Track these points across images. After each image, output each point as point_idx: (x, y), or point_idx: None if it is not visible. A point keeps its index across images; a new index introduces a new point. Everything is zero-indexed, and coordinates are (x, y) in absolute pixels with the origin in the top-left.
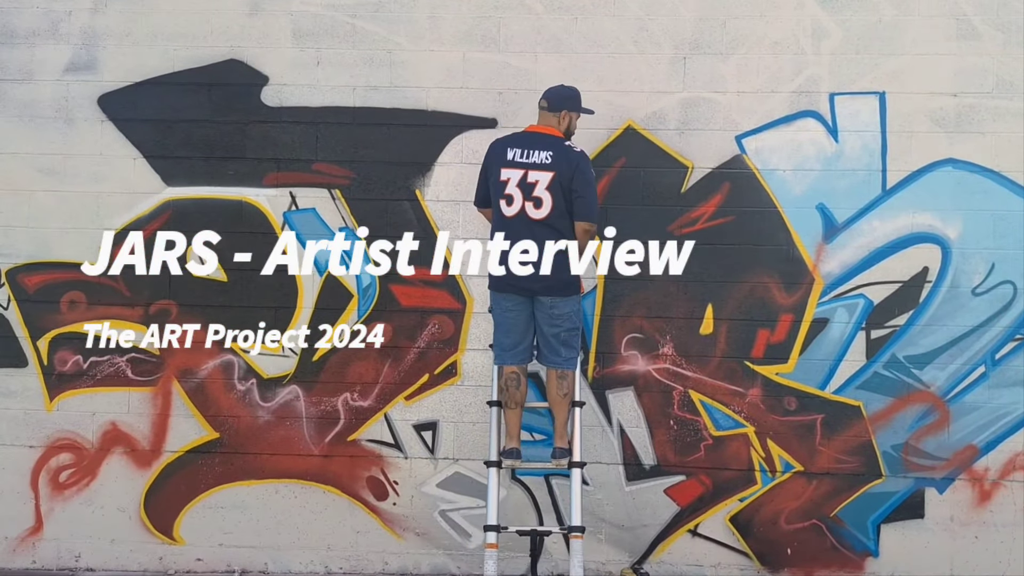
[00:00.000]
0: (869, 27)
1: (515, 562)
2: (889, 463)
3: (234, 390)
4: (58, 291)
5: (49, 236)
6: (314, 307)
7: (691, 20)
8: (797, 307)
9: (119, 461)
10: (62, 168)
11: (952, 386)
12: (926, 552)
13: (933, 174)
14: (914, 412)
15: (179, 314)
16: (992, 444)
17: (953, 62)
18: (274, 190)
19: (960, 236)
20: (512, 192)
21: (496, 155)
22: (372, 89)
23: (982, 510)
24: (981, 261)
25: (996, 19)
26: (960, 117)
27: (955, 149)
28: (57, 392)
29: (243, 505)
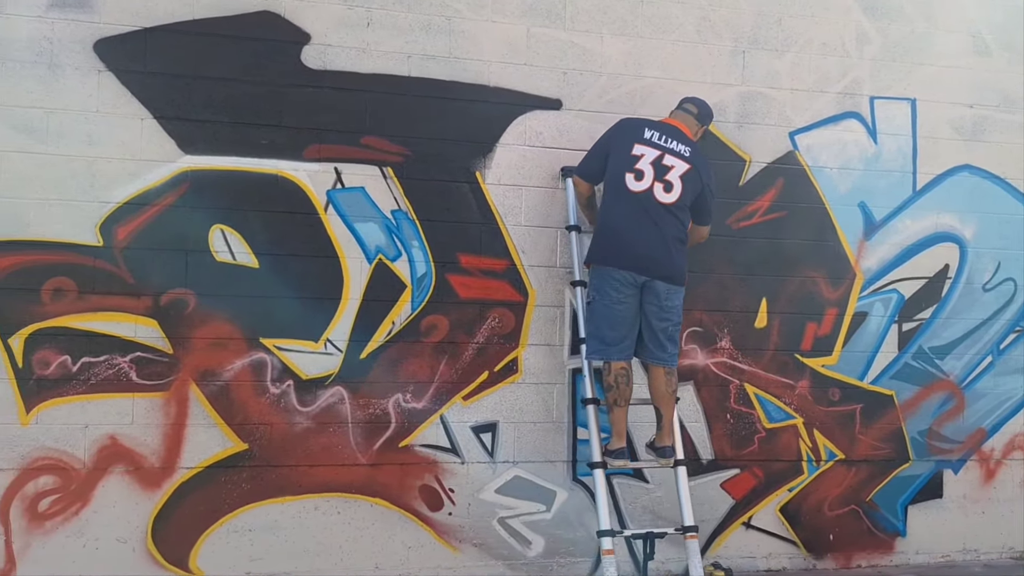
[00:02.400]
0: (904, 37)
1: (577, 567)
2: (916, 448)
3: (266, 394)
4: (37, 277)
5: (25, 209)
6: (362, 298)
7: (750, 14)
8: (841, 301)
9: (119, 482)
10: (43, 125)
11: (967, 374)
12: (944, 529)
13: (953, 178)
14: (937, 399)
15: (198, 305)
16: (996, 426)
17: (970, 75)
18: (316, 164)
19: (974, 236)
20: (644, 168)
21: (630, 130)
22: (429, 58)
23: (988, 487)
24: (990, 260)
25: (1003, 38)
26: (975, 127)
27: (971, 156)
28: (36, 401)
29: (275, 526)
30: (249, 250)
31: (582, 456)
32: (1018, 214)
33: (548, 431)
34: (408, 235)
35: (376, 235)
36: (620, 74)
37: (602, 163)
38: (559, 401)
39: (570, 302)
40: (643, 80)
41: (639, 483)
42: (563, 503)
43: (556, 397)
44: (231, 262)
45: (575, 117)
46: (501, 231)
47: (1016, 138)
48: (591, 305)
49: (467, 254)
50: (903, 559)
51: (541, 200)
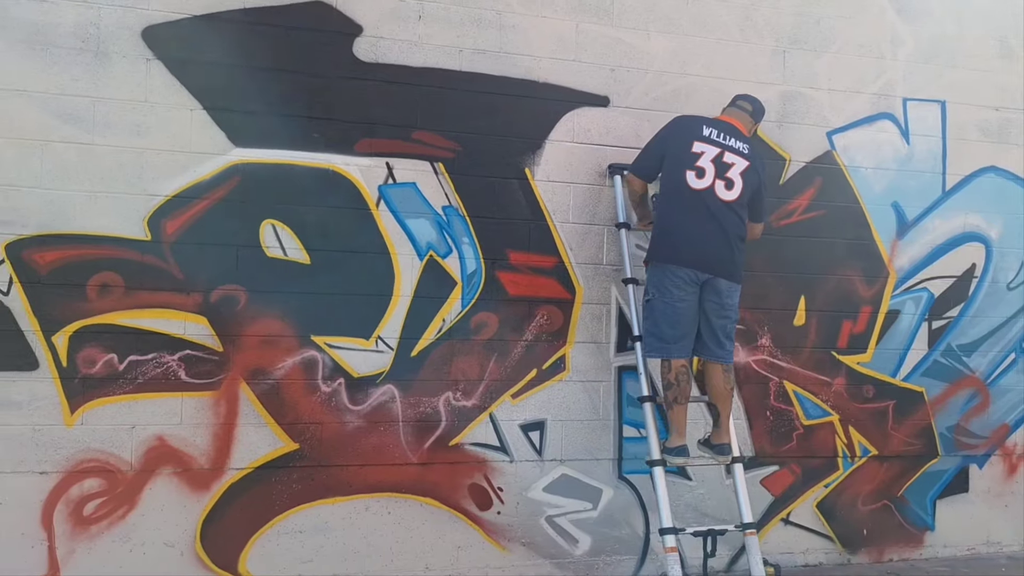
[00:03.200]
0: (935, 39)
1: (623, 565)
2: (944, 443)
3: (317, 392)
4: (82, 272)
5: (69, 201)
6: (413, 295)
7: (790, 14)
8: (875, 300)
9: (167, 484)
10: (89, 115)
11: (991, 371)
12: (970, 523)
13: (980, 179)
14: (964, 396)
15: (248, 302)
16: (1019, 422)
17: (996, 78)
18: (368, 159)
19: (999, 236)
20: (705, 166)
21: (688, 127)
22: (479, 53)
23: (1011, 482)
24: (1014, 259)
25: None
26: (1001, 129)
27: (997, 158)
28: (81, 401)
29: (326, 527)
30: (300, 245)
31: (628, 454)
32: None
33: (594, 429)
34: (459, 231)
35: (427, 231)
36: (665, 71)
37: (659, 161)
38: (605, 399)
39: (616, 299)
40: (687, 78)
41: (682, 480)
42: (609, 501)
43: (602, 395)
44: (282, 258)
45: (622, 114)
46: (550, 228)
47: None
48: (650, 303)
49: (516, 251)
50: (932, 552)
51: (588, 197)
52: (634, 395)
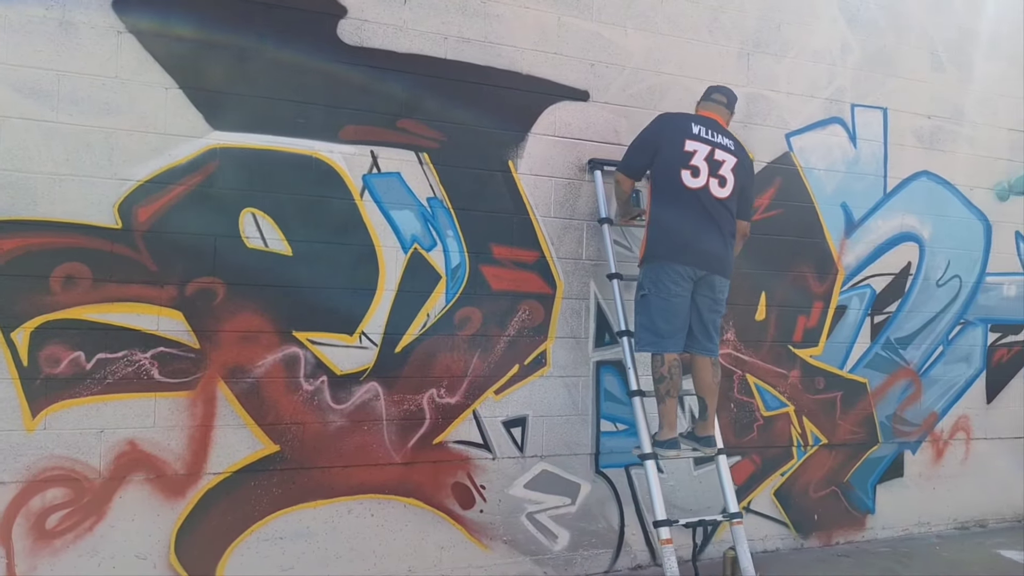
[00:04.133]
0: (879, 50)
1: (599, 559)
2: (883, 431)
3: (299, 391)
4: (45, 262)
5: (31, 184)
6: (397, 289)
7: (754, 18)
8: (825, 295)
9: (139, 492)
10: (53, 90)
11: (923, 363)
12: (905, 505)
13: (915, 183)
14: (900, 386)
15: (227, 295)
16: (945, 410)
17: (929, 89)
18: (352, 147)
19: (931, 237)
20: (699, 164)
21: (678, 126)
22: (464, 41)
23: (938, 466)
24: (942, 258)
25: (955, 57)
26: (933, 136)
27: (929, 163)
28: (44, 404)
29: (308, 533)
30: (282, 236)
31: (604, 448)
32: (963, 217)
33: (573, 424)
34: (443, 224)
35: (412, 223)
36: (642, 69)
37: (649, 159)
38: (584, 394)
39: (595, 294)
40: (661, 76)
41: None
42: (587, 496)
43: (581, 390)
44: (263, 249)
45: (601, 109)
46: (532, 222)
47: (963, 148)
48: (645, 298)
49: (500, 245)
50: (872, 535)
51: (569, 192)
52: (612, 390)
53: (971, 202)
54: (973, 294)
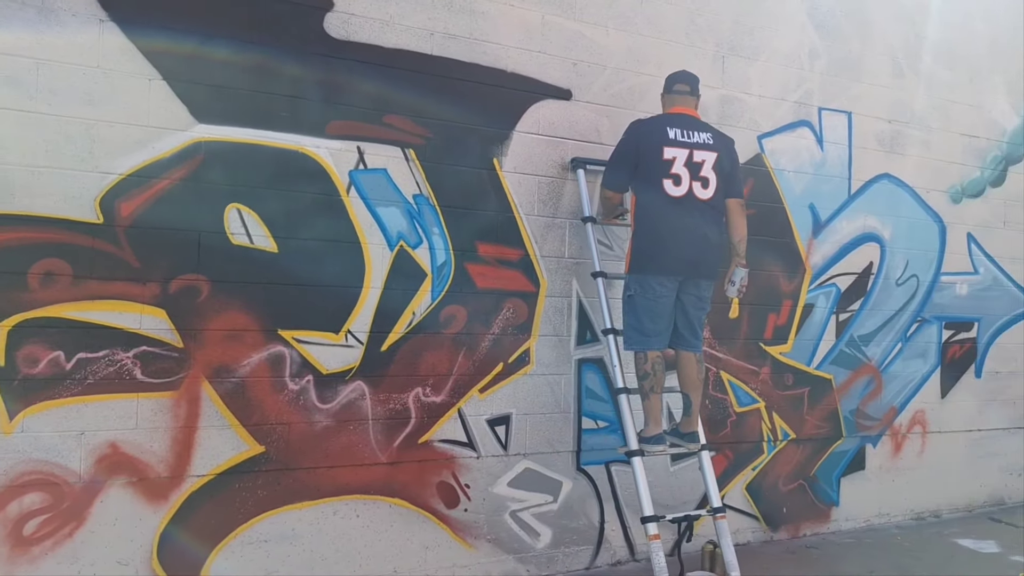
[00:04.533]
0: (844, 55)
1: (580, 556)
2: (847, 426)
3: (284, 391)
4: (24, 258)
5: (8, 176)
6: (383, 287)
7: (728, 21)
8: (794, 294)
9: (120, 496)
10: (32, 78)
11: (884, 359)
12: (866, 497)
13: (877, 185)
14: (863, 382)
15: (211, 293)
16: (903, 404)
17: (889, 94)
18: (339, 142)
19: (891, 237)
20: (680, 172)
21: (653, 133)
22: (450, 37)
23: (897, 459)
24: (901, 258)
25: (912, 63)
26: (893, 140)
27: (890, 166)
28: (21, 406)
29: (293, 535)
30: (268, 232)
31: (586, 445)
32: (920, 219)
33: (556, 422)
34: (429, 221)
35: (398, 220)
36: (623, 69)
37: (630, 172)
38: (566, 391)
39: (577, 292)
40: (641, 76)
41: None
42: (568, 493)
43: (563, 387)
44: (248, 245)
45: (583, 108)
46: (517, 220)
47: (920, 152)
48: (632, 299)
49: (485, 243)
50: (837, 526)
51: (552, 190)
52: (593, 387)
53: (928, 204)
54: (929, 293)
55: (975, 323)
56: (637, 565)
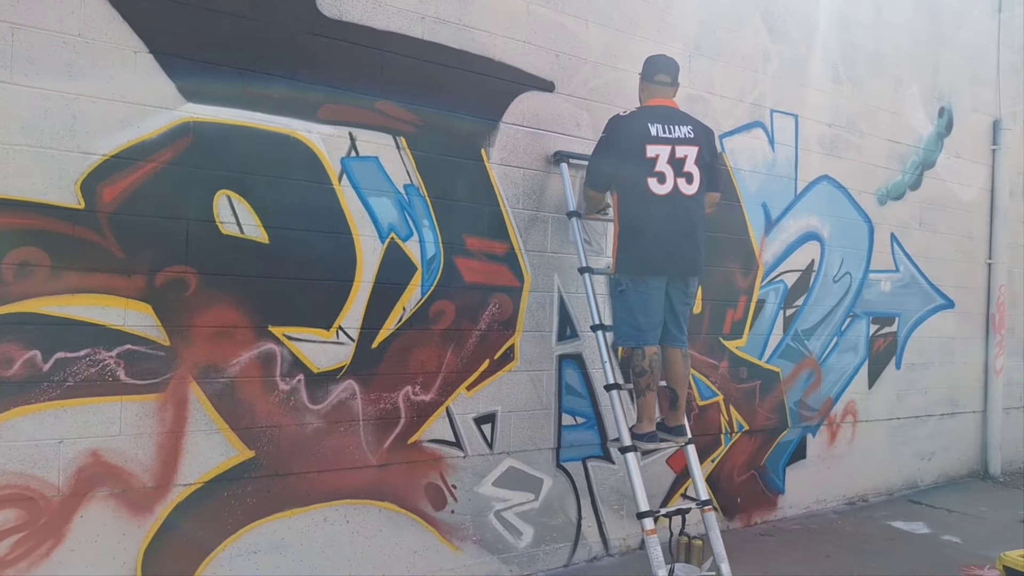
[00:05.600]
0: (792, 59)
1: (559, 554)
2: (792, 416)
3: (275, 391)
4: None
5: None
6: (374, 280)
7: (694, 22)
8: (748, 290)
9: (102, 509)
10: (7, 45)
11: (822, 352)
12: (806, 484)
13: (818, 186)
14: (805, 374)
15: (200, 286)
16: (838, 395)
17: (829, 100)
18: (331, 127)
19: (829, 236)
20: (663, 169)
21: (635, 131)
22: (440, 22)
23: (833, 447)
24: (837, 256)
25: (849, 71)
26: (832, 143)
27: (829, 168)
28: None
29: (283, 544)
30: (258, 222)
31: (565, 442)
32: (853, 219)
33: (538, 419)
34: (420, 213)
35: (389, 211)
36: (601, 63)
37: (612, 171)
38: (548, 388)
39: (559, 288)
40: (618, 72)
41: (608, 465)
42: (548, 490)
43: (545, 384)
44: (238, 235)
45: (565, 101)
46: (503, 213)
47: (854, 155)
48: (624, 294)
49: (473, 236)
50: (783, 513)
51: (536, 183)
52: (572, 383)
53: (859, 205)
54: (860, 289)
55: (896, 318)
56: (612, 560)
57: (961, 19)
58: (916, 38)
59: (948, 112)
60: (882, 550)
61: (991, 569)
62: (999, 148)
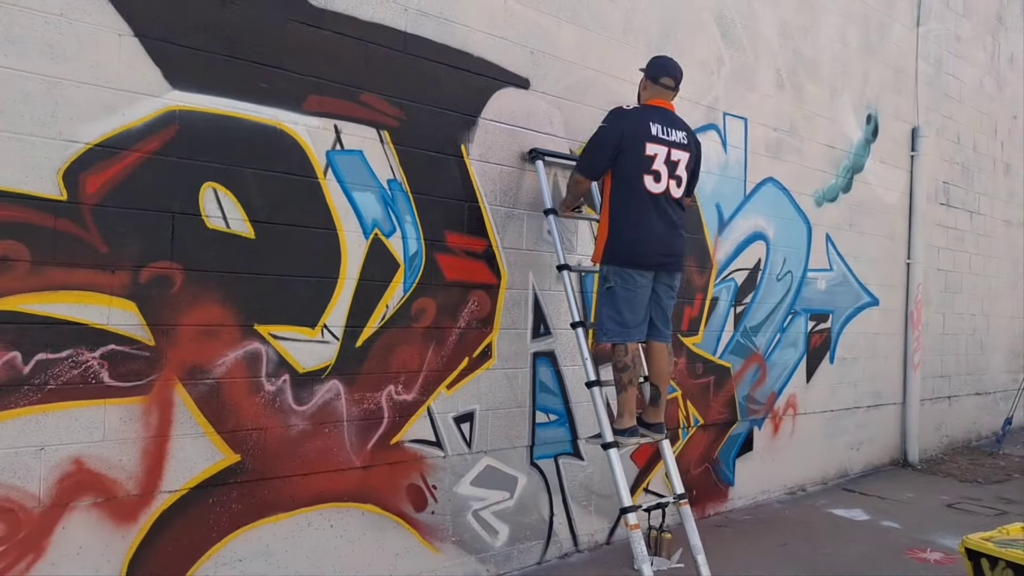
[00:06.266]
0: (743, 64)
1: (532, 552)
2: (741, 411)
3: (260, 392)
4: None
5: None
6: (359, 278)
7: (655, 22)
8: (704, 288)
9: (85, 520)
10: None
11: (767, 348)
12: (753, 476)
13: (764, 188)
14: (752, 370)
15: (185, 283)
16: (780, 390)
17: (774, 104)
18: (316, 119)
19: (774, 236)
20: (660, 169)
21: (638, 127)
22: (423, 15)
23: (775, 439)
24: (781, 255)
25: (791, 78)
26: (776, 146)
27: (774, 170)
28: None
29: (267, 551)
30: (244, 216)
31: (539, 440)
32: (794, 220)
33: (514, 417)
34: (402, 209)
35: (373, 207)
36: (572, 62)
37: (610, 161)
38: (523, 386)
39: (533, 285)
40: (587, 71)
41: (577, 461)
42: (523, 488)
43: (520, 382)
44: (224, 230)
45: (539, 99)
46: (481, 210)
47: (796, 159)
48: (612, 290)
49: (453, 232)
50: (733, 504)
51: (512, 180)
52: (546, 381)
53: (800, 206)
54: (800, 287)
55: (830, 315)
56: (581, 556)
57: (886, 31)
58: (848, 48)
59: (875, 119)
60: (831, 537)
61: (933, 551)
62: (917, 154)
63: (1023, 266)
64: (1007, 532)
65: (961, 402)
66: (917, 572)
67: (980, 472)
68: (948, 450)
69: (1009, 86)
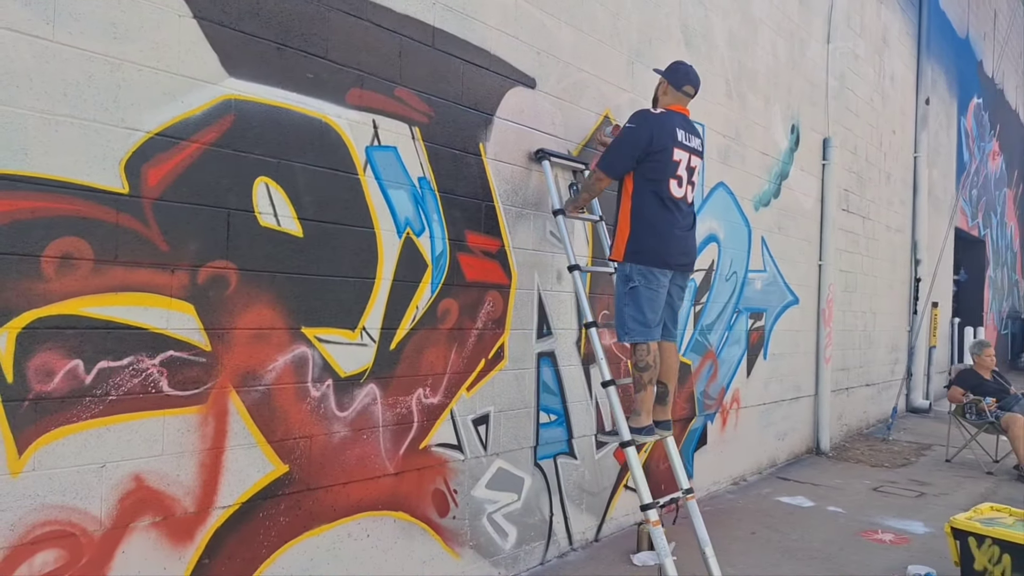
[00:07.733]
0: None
1: (535, 552)
2: (699, 406)
3: (307, 398)
4: (36, 236)
5: (19, 124)
6: (393, 278)
7: (636, 29)
8: None
9: (144, 541)
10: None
11: (718, 345)
12: (707, 468)
13: (716, 192)
14: (707, 366)
15: (240, 284)
16: (727, 385)
17: (724, 112)
18: (357, 113)
19: (724, 238)
20: (682, 174)
21: (667, 132)
22: (448, 10)
23: (724, 432)
24: (728, 257)
25: (737, 88)
26: (726, 153)
27: (724, 176)
28: (34, 434)
29: (311, 565)
30: (294, 214)
31: (542, 440)
32: (738, 223)
33: (521, 418)
34: (431, 207)
35: (405, 205)
36: (570, 64)
37: (636, 162)
38: (529, 386)
39: (538, 286)
40: (582, 73)
41: (571, 461)
42: (528, 489)
43: (527, 382)
44: (275, 228)
45: (544, 99)
46: (496, 210)
47: (740, 165)
48: (636, 289)
49: (473, 232)
50: None
51: (521, 180)
52: (548, 381)
53: (743, 210)
54: (743, 287)
55: (764, 313)
56: (577, 554)
57: (805, 46)
58: (778, 61)
59: (797, 129)
60: (791, 524)
61: (884, 532)
62: (828, 163)
63: (900, 267)
64: (980, 512)
65: (856, 393)
66: (878, 552)
67: (882, 457)
68: (847, 438)
69: (891, 102)
